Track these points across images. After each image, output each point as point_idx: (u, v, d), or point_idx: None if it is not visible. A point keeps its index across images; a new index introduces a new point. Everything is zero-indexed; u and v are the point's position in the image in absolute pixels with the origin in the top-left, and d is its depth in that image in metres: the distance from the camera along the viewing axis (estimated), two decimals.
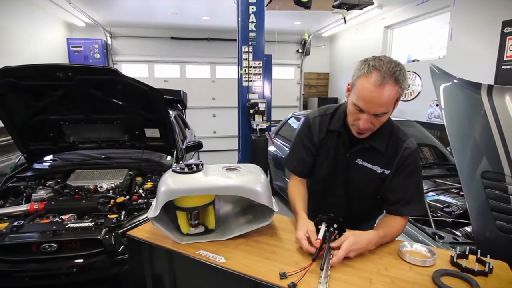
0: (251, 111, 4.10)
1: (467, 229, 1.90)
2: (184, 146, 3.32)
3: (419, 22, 5.50)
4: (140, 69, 7.54)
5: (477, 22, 4.13)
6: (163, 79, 7.61)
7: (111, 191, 2.30)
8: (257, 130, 4.08)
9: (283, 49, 7.82)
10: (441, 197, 2.32)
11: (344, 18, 4.50)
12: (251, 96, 4.20)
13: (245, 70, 4.11)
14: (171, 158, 2.72)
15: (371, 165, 1.28)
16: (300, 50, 8.34)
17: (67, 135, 2.64)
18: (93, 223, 1.88)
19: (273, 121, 4.93)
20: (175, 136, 2.85)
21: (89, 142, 2.70)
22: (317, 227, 1.11)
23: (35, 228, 1.83)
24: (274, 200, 1.20)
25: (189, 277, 1.12)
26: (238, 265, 0.99)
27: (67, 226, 1.83)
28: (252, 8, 3.96)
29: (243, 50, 4.06)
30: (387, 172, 1.27)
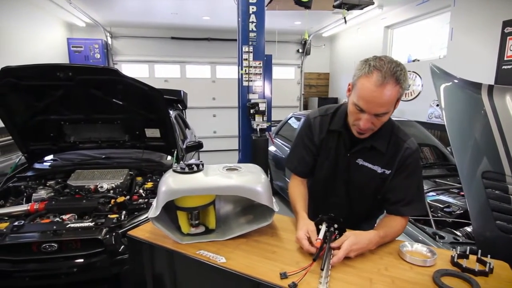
0: (252, 111, 4.10)
1: (468, 229, 1.89)
2: (185, 146, 3.32)
3: (420, 22, 5.50)
4: (141, 69, 7.54)
5: (478, 22, 4.13)
6: (164, 79, 7.62)
7: (112, 191, 2.30)
8: (258, 130, 4.08)
9: (284, 49, 7.83)
10: (442, 197, 2.32)
11: (345, 18, 4.50)
12: (252, 96, 4.20)
13: (246, 70, 4.10)
14: (172, 158, 2.73)
15: (372, 165, 1.28)
16: (301, 50, 8.34)
17: (68, 135, 2.64)
18: (94, 223, 1.89)
19: (274, 121, 4.94)
20: (176, 136, 2.85)
21: (90, 142, 2.70)
22: (318, 227, 1.11)
23: (36, 228, 1.83)
24: (275, 200, 1.20)
25: (190, 277, 1.12)
26: (239, 265, 0.99)
27: (68, 226, 1.83)
28: (253, 8, 3.95)
29: (244, 50, 4.06)
30: (388, 172, 1.27)
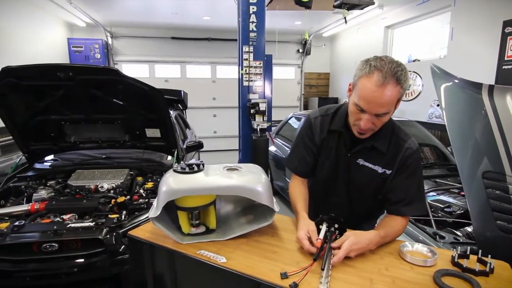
0: (252, 111, 4.10)
1: (468, 229, 1.89)
2: (185, 146, 3.33)
3: (420, 22, 5.50)
4: (141, 69, 7.54)
5: (478, 22, 4.13)
6: (164, 79, 7.62)
7: (112, 191, 2.30)
8: (258, 130, 4.08)
9: (284, 49, 7.83)
10: (442, 197, 2.32)
11: (345, 18, 4.50)
12: (252, 96, 4.20)
13: (246, 70, 4.11)
14: (172, 158, 2.73)
15: (373, 165, 1.28)
16: (301, 50, 8.33)
17: (68, 135, 2.64)
18: (94, 223, 1.89)
19: (274, 121, 4.94)
20: (176, 136, 2.85)
21: (90, 142, 2.70)
22: (318, 227, 1.11)
23: (36, 228, 1.84)
24: (275, 200, 1.20)
25: (190, 277, 1.12)
26: (239, 265, 0.99)
27: (68, 226, 1.84)
28: (253, 8, 3.95)
29: (244, 50, 4.06)
30: (389, 172, 1.27)
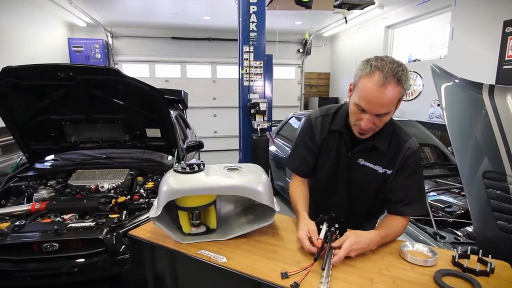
0: (252, 111, 4.10)
1: (469, 229, 1.89)
2: (185, 146, 3.33)
3: (420, 22, 5.49)
4: (141, 69, 7.55)
5: (478, 22, 4.13)
6: (164, 79, 7.62)
7: (112, 191, 2.30)
8: (258, 130, 4.09)
9: (284, 49, 7.83)
10: (442, 197, 2.32)
11: (345, 18, 4.50)
12: (252, 96, 4.20)
13: (246, 70, 4.11)
14: (172, 158, 2.73)
15: (373, 165, 1.28)
16: (301, 50, 8.33)
17: (69, 135, 2.64)
18: (95, 223, 1.89)
19: (274, 121, 4.94)
20: (176, 136, 2.85)
21: (90, 142, 2.70)
22: (319, 227, 1.11)
23: (37, 228, 1.84)
24: (276, 200, 1.20)
25: (191, 277, 1.12)
26: (240, 265, 0.99)
27: (69, 226, 1.84)
28: (253, 8, 3.96)
29: (244, 50, 4.06)
30: (389, 172, 1.27)
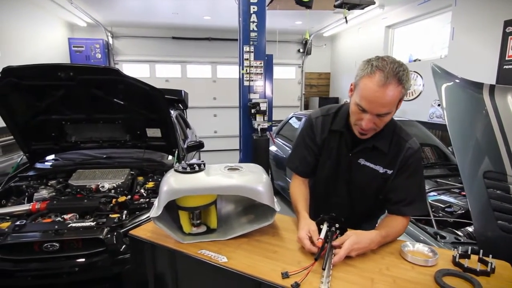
0: (252, 111, 4.11)
1: (469, 229, 1.89)
2: (186, 146, 3.33)
3: (421, 22, 5.49)
4: (142, 69, 7.55)
5: (479, 22, 4.13)
6: (165, 79, 7.62)
7: (113, 191, 2.30)
8: (258, 130, 4.09)
9: (284, 49, 7.83)
10: (443, 197, 2.32)
11: (346, 18, 4.49)
12: (252, 96, 4.21)
13: (246, 70, 4.11)
14: (173, 158, 2.73)
15: (374, 165, 1.28)
16: (301, 50, 8.33)
17: (69, 135, 2.64)
18: (95, 223, 1.89)
19: (274, 121, 4.94)
20: (177, 136, 2.85)
21: (91, 142, 2.70)
22: (319, 227, 1.11)
23: (37, 228, 1.84)
24: (276, 200, 1.20)
25: (191, 277, 1.12)
26: (240, 265, 0.99)
27: (69, 226, 1.84)
28: (253, 8, 3.96)
29: (244, 50, 4.07)
30: (390, 172, 1.27)
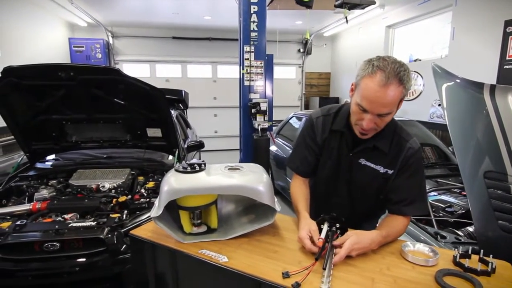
0: (253, 111, 4.11)
1: (469, 229, 1.89)
2: (186, 146, 3.33)
3: (421, 22, 5.49)
4: (142, 69, 7.55)
5: (479, 22, 4.12)
6: (165, 79, 7.62)
7: (113, 191, 2.30)
8: (259, 130, 4.09)
9: (285, 49, 7.83)
10: (443, 197, 2.32)
11: (346, 18, 4.49)
12: (253, 96, 4.21)
13: (247, 70, 4.11)
14: (173, 158, 2.73)
15: (374, 165, 1.28)
16: (302, 50, 8.33)
17: (70, 135, 2.64)
18: (96, 223, 1.89)
19: (275, 121, 4.94)
20: (177, 136, 2.85)
21: (91, 142, 2.71)
22: (320, 227, 1.12)
23: (38, 227, 1.84)
24: (276, 200, 1.20)
25: (192, 277, 1.12)
26: (241, 265, 0.99)
27: (70, 226, 1.84)
28: (254, 8, 3.96)
29: (245, 50, 4.07)
30: (390, 172, 1.27)
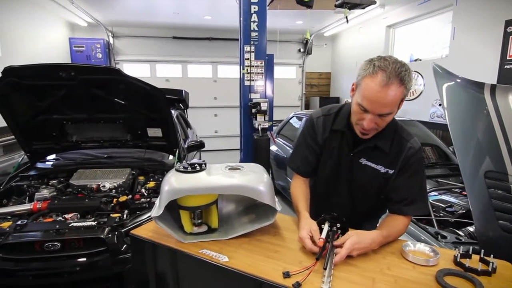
0: (253, 111, 4.11)
1: (470, 229, 1.89)
2: (186, 146, 3.33)
3: (422, 22, 5.48)
4: (142, 69, 7.55)
5: (480, 22, 4.12)
6: (165, 79, 7.62)
7: (114, 190, 2.31)
8: (259, 130, 4.09)
9: (285, 49, 7.82)
10: (444, 197, 2.32)
11: (346, 18, 4.49)
12: (253, 96, 4.21)
13: (247, 70, 4.11)
14: (173, 158, 2.73)
15: (375, 165, 1.28)
16: (302, 50, 8.32)
17: (70, 135, 2.65)
18: (96, 222, 1.89)
19: (275, 121, 4.94)
20: (177, 136, 2.85)
21: (92, 142, 2.71)
22: (320, 227, 1.11)
23: (39, 227, 1.84)
24: (277, 200, 1.20)
25: (192, 276, 1.12)
26: (241, 264, 0.99)
27: (70, 225, 1.84)
28: (254, 8, 3.96)
29: (245, 50, 4.07)
30: (391, 172, 1.27)
